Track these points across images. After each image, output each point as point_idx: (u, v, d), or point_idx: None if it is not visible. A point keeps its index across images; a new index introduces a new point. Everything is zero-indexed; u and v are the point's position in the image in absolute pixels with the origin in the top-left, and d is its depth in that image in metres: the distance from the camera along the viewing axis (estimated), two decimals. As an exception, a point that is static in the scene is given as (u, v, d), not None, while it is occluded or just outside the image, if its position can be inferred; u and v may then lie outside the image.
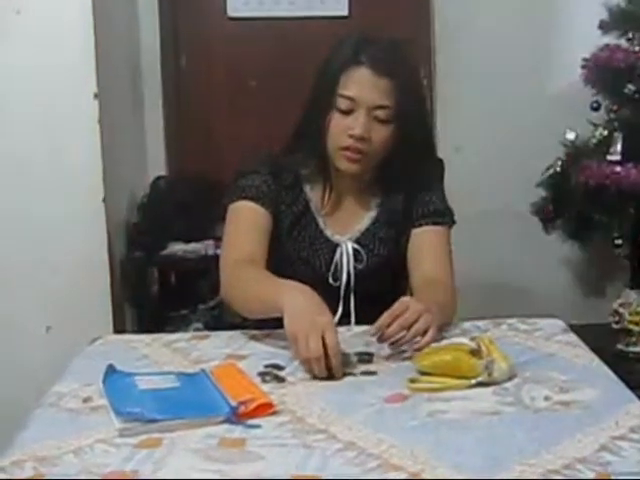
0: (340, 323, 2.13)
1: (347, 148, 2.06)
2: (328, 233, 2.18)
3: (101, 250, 3.17)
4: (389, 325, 1.77)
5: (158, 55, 3.93)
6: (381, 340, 1.80)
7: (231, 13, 3.99)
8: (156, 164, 3.93)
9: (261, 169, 2.15)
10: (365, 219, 2.20)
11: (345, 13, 3.96)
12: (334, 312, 2.13)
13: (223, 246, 2.12)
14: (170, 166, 3.99)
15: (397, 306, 1.79)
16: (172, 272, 3.84)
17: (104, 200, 3.13)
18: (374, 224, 2.19)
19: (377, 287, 2.15)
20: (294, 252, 2.17)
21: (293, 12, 3.96)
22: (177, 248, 3.55)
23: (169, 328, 3.38)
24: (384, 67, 2.03)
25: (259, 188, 2.12)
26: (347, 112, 2.05)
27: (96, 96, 3.08)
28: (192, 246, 3.53)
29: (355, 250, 2.16)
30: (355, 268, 2.15)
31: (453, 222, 2.21)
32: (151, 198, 3.68)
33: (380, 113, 2.04)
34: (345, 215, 2.20)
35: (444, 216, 2.18)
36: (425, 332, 1.78)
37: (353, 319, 2.15)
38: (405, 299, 1.84)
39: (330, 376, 1.69)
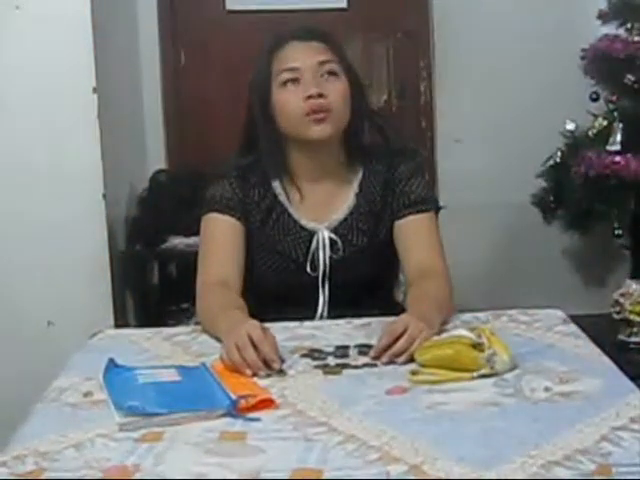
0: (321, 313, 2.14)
1: (310, 112, 2.03)
2: (303, 222, 2.15)
3: (101, 244, 3.18)
4: (390, 346, 1.74)
5: (157, 48, 3.93)
6: (381, 360, 1.74)
7: (230, 6, 3.99)
8: (156, 158, 3.94)
9: (227, 172, 2.16)
10: (343, 208, 2.16)
11: (344, 5, 3.95)
12: (314, 302, 2.13)
13: (198, 266, 2.13)
14: (170, 160, 3.99)
15: (397, 326, 1.76)
16: (173, 265, 3.84)
17: (104, 195, 3.13)
18: (352, 214, 2.16)
19: (354, 277, 2.13)
20: (271, 246, 2.15)
21: (292, 4, 3.95)
22: (177, 241, 3.56)
23: (170, 322, 3.39)
24: (309, 34, 2.10)
25: (225, 196, 2.13)
26: (294, 81, 2.05)
27: (95, 90, 3.08)
28: (192, 239, 3.51)
29: (331, 240, 2.13)
30: (331, 258, 2.13)
31: (438, 208, 2.19)
32: (151, 192, 3.68)
33: (327, 67, 2.06)
34: (320, 202, 2.16)
35: (427, 203, 2.15)
36: None
37: (326, 309, 2.13)
38: (404, 317, 1.80)
39: (268, 367, 1.69)
